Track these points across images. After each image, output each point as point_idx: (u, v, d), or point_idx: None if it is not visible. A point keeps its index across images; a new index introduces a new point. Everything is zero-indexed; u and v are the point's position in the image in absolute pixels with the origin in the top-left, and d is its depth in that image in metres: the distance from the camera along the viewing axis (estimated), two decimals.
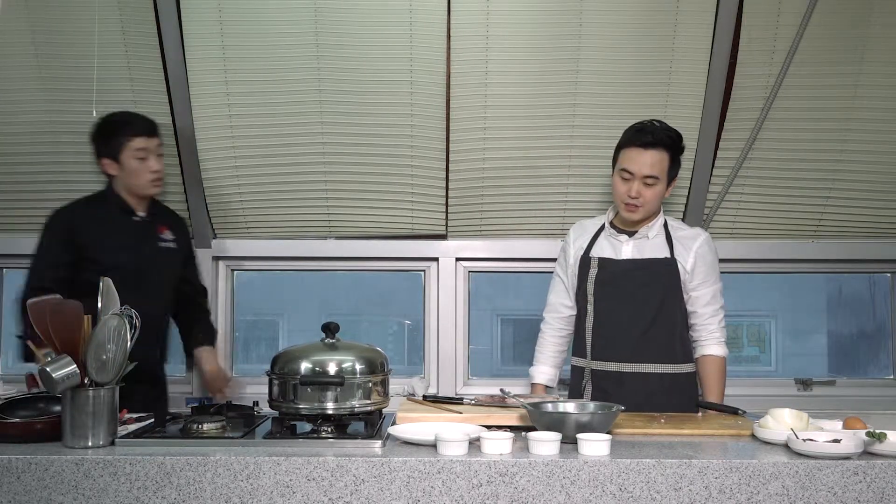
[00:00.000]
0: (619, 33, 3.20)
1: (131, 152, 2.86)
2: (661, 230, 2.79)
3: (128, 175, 2.88)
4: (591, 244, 2.83)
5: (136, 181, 2.89)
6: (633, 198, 2.70)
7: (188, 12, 3.15)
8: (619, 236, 2.80)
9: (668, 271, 2.73)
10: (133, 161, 2.86)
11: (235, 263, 3.60)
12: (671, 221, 2.84)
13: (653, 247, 2.76)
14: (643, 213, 2.74)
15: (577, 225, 2.94)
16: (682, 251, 2.75)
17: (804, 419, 2.12)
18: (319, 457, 1.87)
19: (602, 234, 2.84)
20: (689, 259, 2.73)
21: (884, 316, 3.83)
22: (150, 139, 2.89)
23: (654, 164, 2.69)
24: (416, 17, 3.15)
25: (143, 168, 2.87)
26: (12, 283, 3.66)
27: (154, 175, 2.89)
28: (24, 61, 3.24)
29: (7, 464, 1.86)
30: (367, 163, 3.36)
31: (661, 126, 2.75)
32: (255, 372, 3.78)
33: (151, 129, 2.91)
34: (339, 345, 2.20)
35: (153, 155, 2.89)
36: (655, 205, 2.75)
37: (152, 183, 2.91)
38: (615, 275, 2.75)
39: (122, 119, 2.93)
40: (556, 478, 1.85)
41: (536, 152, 3.35)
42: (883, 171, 3.40)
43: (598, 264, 2.77)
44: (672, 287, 2.73)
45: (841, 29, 3.21)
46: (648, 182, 2.69)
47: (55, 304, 2.05)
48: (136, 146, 2.86)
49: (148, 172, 2.88)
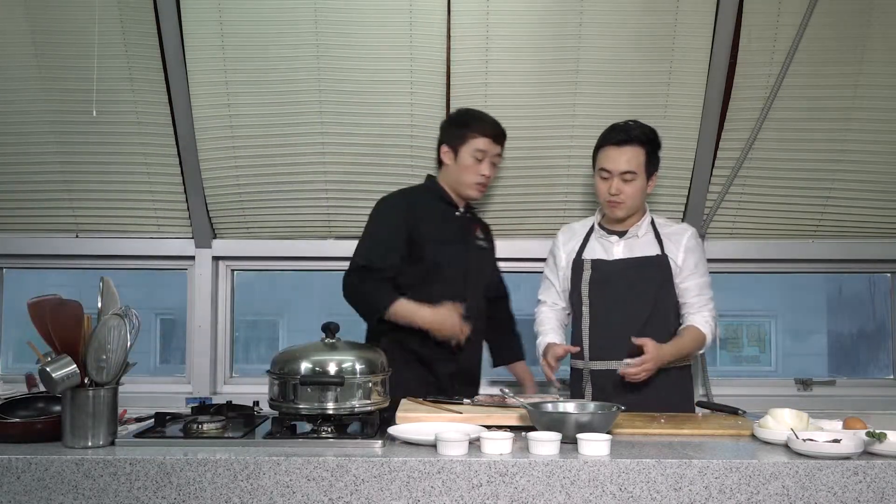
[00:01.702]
0: (619, 33, 3.20)
1: (471, 149, 2.87)
2: (649, 228, 2.84)
3: (459, 169, 2.89)
4: (583, 246, 2.86)
5: (464, 177, 2.89)
6: (614, 195, 2.76)
7: (188, 12, 3.15)
8: (609, 237, 2.84)
9: (660, 268, 2.77)
10: (469, 158, 2.87)
11: (235, 263, 3.60)
12: (657, 219, 2.88)
13: (643, 245, 2.81)
14: (626, 210, 2.79)
15: (566, 227, 2.97)
16: (671, 247, 2.79)
17: (804, 419, 2.12)
18: (319, 457, 1.87)
19: (592, 235, 2.87)
20: (679, 254, 2.78)
21: (884, 316, 3.83)
22: (494, 145, 2.89)
23: (629, 160, 2.75)
24: (416, 17, 3.16)
25: (475, 168, 2.87)
26: (12, 283, 3.67)
27: (482, 178, 2.89)
28: (24, 61, 3.24)
29: (7, 464, 1.86)
30: (367, 163, 3.36)
31: (635, 124, 2.81)
32: (255, 372, 3.78)
33: (498, 135, 2.91)
34: (339, 345, 2.20)
35: (489, 160, 2.88)
36: (638, 200, 2.79)
37: (477, 186, 2.90)
38: (609, 275, 2.78)
39: (477, 116, 2.95)
40: (556, 478, 1.85)
41: (536, 152, 3.35)
42: (883, 171, 3.40)
43: (592, 266, 2.81)
44: (665, 283, 2.77)
45: (841, 29, 3.21)
46: (627, 178, 2.75)
47: (55, 304, 2.04)
48: (478, 146, 2.86)
49: (478, 174, 2.88)
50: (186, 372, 3.58)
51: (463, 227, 2.96)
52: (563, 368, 2.94)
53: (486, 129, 2.88)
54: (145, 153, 3.37)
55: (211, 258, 3.51)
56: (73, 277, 3.94)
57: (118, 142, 3.34)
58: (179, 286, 3.62)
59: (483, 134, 2.87)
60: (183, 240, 3.51)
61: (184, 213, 3.46)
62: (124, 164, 3.39)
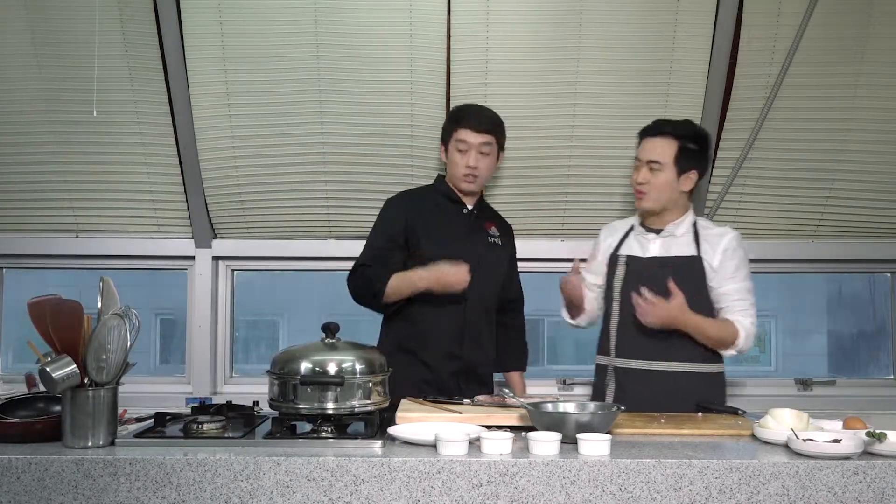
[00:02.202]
0: (619, 33, 3.20)
1: (455, 142, 2.87)
2: (689, 229, 2.78)
3: (449, 164, 2.90)
4: (621, 243, 2.84)
5: (453, 171, 2.89)
6: (640, 184, 2.74)
7: (188, 12, 3.15)
8: (646, 234, 2.81)
9: (693, 269, 2.71)
10: (454, 152, 2.87)
11: (235, 263, 3.60)
12: (701, 222, 2.83)
13: (680, 245, 2.76)
14: (650, 202, 2.75)
15: (608, 225, 2.96)
16: (708, 249, 2.73)
17: (804, 419, 2.12)
18: (319, 457, 1.87)
19: (631, 233, 2.85)
20: (715, 257, 2.71)
21: (884, 316, 3.83)
22: (477, 135, 2.84)
23: (656, 149, 2.73)
24: (416, 17, 3.16)
25: (460, 161, 2.85)
26: (12, 283, 3.67)
27: (467, 170, 2.85)
28: (24, 61, 3.24)
29: (7, 464, 1.86)
30: (367, 163, 3.36)
31: (680, 121, 2.80)
32: (255, 372, 3.78)
33: (483, 125, 2.86)
34: (339, 345, 2.20)
35: (475, 151, 2.84)
36: (664, 193, 2.74)
37: (464, 178, 2.87)
38: (640, 273, 2.74)
39: (464, 109, 2.93)
40: (556, 478, 1.85)
41: (536, 152, 3.35)
42: (883, 171, 3.40)
43: (626, 262, 2.78)
44: (697, 285, 2.69)
45: (841, 29, 3.21)
46: (653, 167, 2.72)
47: (55, 304, 2.04)
48: (460, 137, 2.85)
49: (463, 166, 2.85)
50: (186, 372, 3.58)
51: (470, 225, 2.93)
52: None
53: (469, 121, 2.85)
54: (145, 153, 3.37)
55: (211, 258, 3.50)
56: (73, 277, 3.93)
57: (118, 142, 3.34)
58: (179, 286, 3.62)
59: (466, 126, 2.85)
60: (183, 240, 3.51)
61: (184, 213, 3.46)
62: (124, 164, 3.38)
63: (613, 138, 3.31)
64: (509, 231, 3.08)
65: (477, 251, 2.87)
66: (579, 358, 4.92)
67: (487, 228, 2.97)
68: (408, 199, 2.94)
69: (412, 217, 2.86)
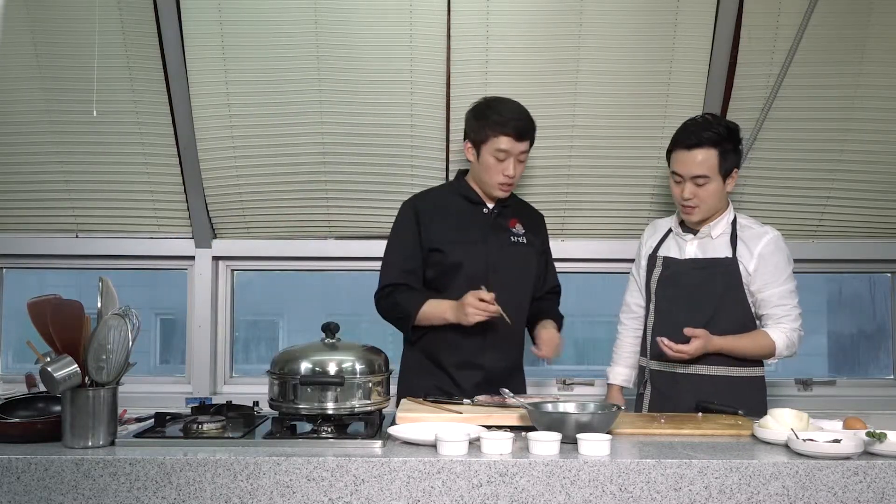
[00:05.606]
0: (619, 33, 3.20)
1: (492, 149, 2.70)
2: (727, 228, 2.73)
3: (482, 169, 2.75)
4: (660, 243, 2.83)
5: (487, 178, 2.75)
6: (687, 199, 2.68)
7: (188, 12, 3.15)
8: (684, 235, 2.78)
9: (727, 272, 2.67)
10: (491, 158, 2.71)
11: (235, 263, 3.60)
12: (742, 220, 2.77)
13: (716, 246, 2.71)
14: (702, 213, 2.71)
15: (651, 224, 2.96)
16: (744, 252, 2.68)
17: (804, 419, 2.12)
18: (319, 457, 1.87)
19: (671, 233, 2.83)
20: (751, 260, 2.66)
21: (884, 316, 3.83)
22: (517, 143, 2.70)
23: (700, 164, 2.65)
24: (416, 17, 3.16)
25: (497, 168, 2.72)
26: (12, 283, 3.67)
27: (506, 179, 2.72)
28: (24, 61, 3.24)
29: (7, 464, 1.86)
30: (367, 163, 3.36)
31: (708, 122, 2.70)
32: (255, 372, 3.78)
33: (522, 132, 2.72)
34: (339, 345, 2.20)
35: (514, 159, 2.71)
36: (714, 202, 2.70)
37: (501, 186, 2.74)
38: (676, 274, 2.73)
39: (498, 111, 2.73)
40: (556, 478, 1.85)
41: (536, 152, 3.33)
42: (883, 171, 3.40)
43: (663, 263, 2.77)
44: (731, 288, 2.66)
45: (841, 29, 3.21)
46: (699, 182, 2.66)
47: (55, 304, 2.04)
48: (499, 146, 2.69)
49: (501, 175, 2.72)
50: (186, 372, 3.58)
51: (490, 225, 2.80)
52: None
53: (507, 128, 2.68)
54: (145, 153, 3.37)
55: (211, 258, 3.50)
56: (73, 277, 3.94)
57: (118, 142, 3.34)
58: (179, 286, 3.62)
59: (504, 133, 2.69)
60: (183, 240, 3.51)
61: (184, 213, 3.46)
62: (124, 163, 3.38)
63: (613, 138, 3.31)
64: (538, 222, 2.95)
65: (498, 251, 2.77)
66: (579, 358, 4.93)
67: (510, 227, 2.83)
68: (422, 203, 2.83)
69: (427, 222, 2.77)
